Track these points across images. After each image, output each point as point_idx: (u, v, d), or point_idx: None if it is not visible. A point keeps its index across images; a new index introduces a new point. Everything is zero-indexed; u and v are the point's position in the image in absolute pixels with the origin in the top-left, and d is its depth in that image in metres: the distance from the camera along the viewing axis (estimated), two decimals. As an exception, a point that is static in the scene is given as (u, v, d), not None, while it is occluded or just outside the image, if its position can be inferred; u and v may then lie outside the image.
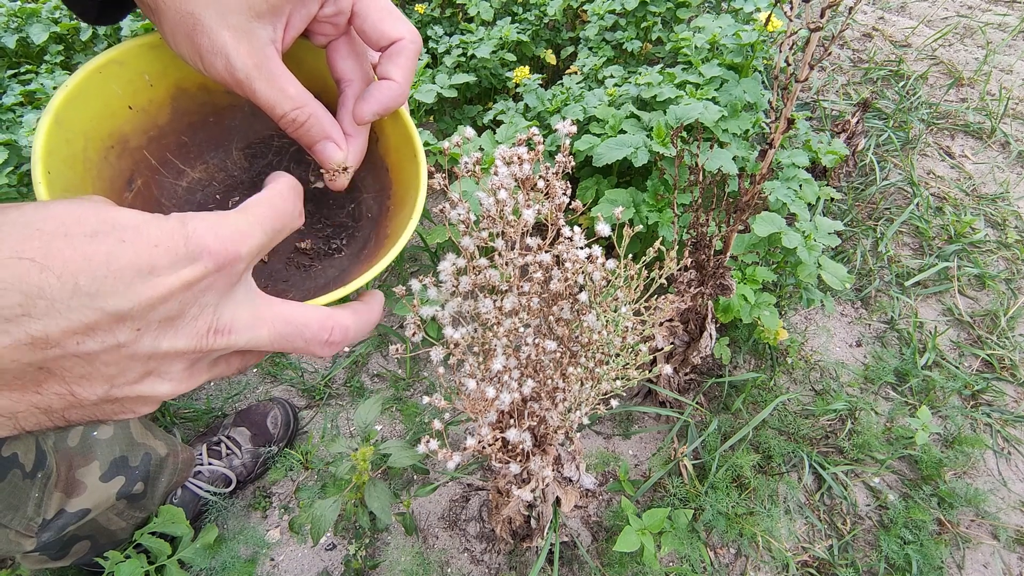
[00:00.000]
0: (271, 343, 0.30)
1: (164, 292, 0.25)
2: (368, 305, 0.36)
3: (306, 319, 0.31)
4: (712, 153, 1.25)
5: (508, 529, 1.03)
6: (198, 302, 0.27)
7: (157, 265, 0.25)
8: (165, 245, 0.25)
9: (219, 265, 0.26)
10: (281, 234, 0.31)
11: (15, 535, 0.80)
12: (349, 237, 0.45)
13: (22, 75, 1.62)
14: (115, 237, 0.24)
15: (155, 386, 0.27)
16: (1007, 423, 1.39)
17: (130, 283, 0.24)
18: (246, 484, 1.22)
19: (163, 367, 0.27)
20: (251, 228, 0.29)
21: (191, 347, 0.27)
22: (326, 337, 0.32)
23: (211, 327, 0.27)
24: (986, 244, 1.79)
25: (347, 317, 0.33)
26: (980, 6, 2.85)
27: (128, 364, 0.26)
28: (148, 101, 0.40)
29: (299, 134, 0.37)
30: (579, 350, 0.71)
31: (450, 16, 2.05)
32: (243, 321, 0.29)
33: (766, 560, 1.15)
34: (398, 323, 1.52)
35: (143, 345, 0.25)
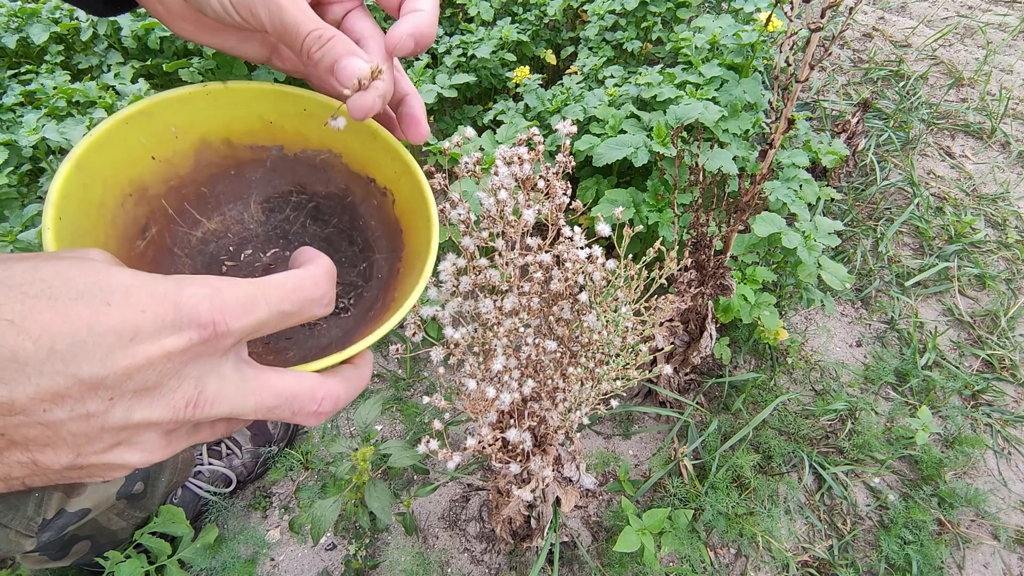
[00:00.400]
0: (256, 413, 0.29)
1: (142, 361, 0.23)
2: (358, 370, 0.34)
3: (295, 391, 0.30)
4: (712, 153, 1.25)
5: (508, 529, 1.03)
6: (179, 373, 0.25)
7: (141, 331, 0.23)
8: (153, 311, 0.24)
9: (205, 338, 0.25)
10: (294, 317, 0.29)
11: (15, 535, 0.80)
12: (358, 297, 0.45)
13: (22, 75, 1.62)
14: (101, 300, 0.23)
15: (124, 456, 0.26)
16: (1007, 423, 1.39)
17: (109, 349, 0.23)
18: (246, 484, 1.22)
19: (135, 437, 0.26)
20: (254, 304, 0.27)
21: (166, 419, 0.26)
22: (315, 408, 0.30)
23: (190, 400, 0.26)
24: (986, 244, 1.79)
25: (337, 385, 0.32)
26: (980, 6, 2.85)
27: (97, 434, 0.24)
28: (172, 152, 0.40)
29: (323, 52, 0.35)
30: (579, 350, 0.71)
31: (450, 16, 2.05)
32: (227, 393, 0.27)
33: (766, 560, 1.15)
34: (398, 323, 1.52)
35: (114, 416, 0.24)
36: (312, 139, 0.45)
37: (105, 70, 1.74)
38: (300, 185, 0.46)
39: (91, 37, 1.80)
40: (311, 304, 0.30)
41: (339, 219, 0.47)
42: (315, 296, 0.30)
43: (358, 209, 0.46)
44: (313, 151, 0.45)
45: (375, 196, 0.46)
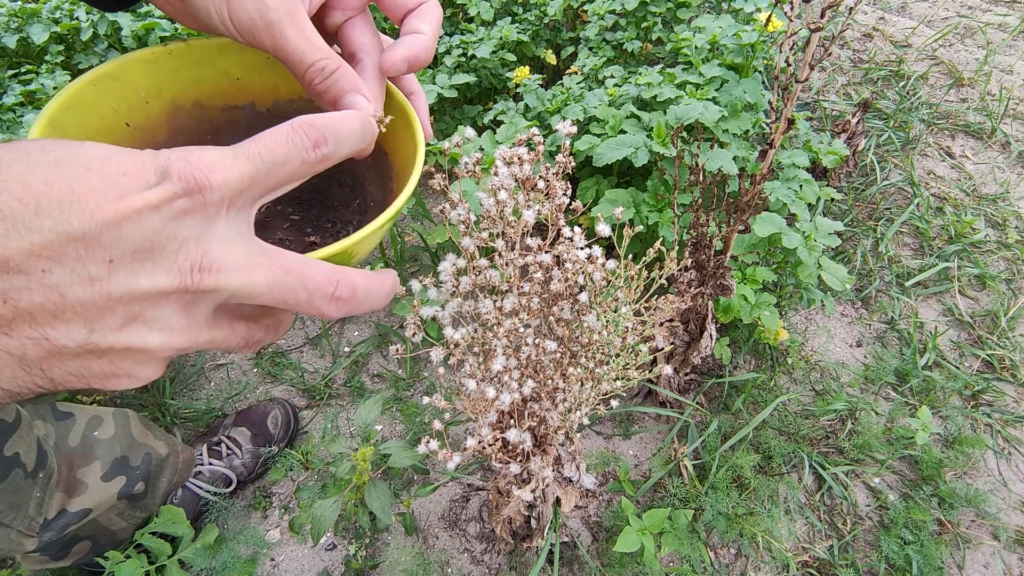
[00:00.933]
0: (269, 290, 0.27)
1: (129, 212, 0.22)
2: (380, 276, 0.32)
3: (309, 269, 0.28)
4: (712, 153, 1.25)
5: (508, 529, 1.03)
6: (175, 233, 0.24)
7: (124, 191, 0.23)
8: (134, 173, 0.23)
9: (186, 189, 0.24)
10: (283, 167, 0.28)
11: (17, 535, 0.80)
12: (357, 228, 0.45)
13: (22, 75, 1.62)
14: (80, 164, 0.23)
15: (143, 335, 0.24)
16: (1007, 423, 1.39)
17: (95, 207, 0.22)
18: (246, 484, 1.22)
19: (149, 311, 0.24)
20: (233, 158, 0.26)
21: (174, 285, 0.24)
22: (332, 290, 0.28)
23: (195, 263, 0.24)
24: (986, 244, 1.79)
25: (356, 275, 0.30)
26: (980, 6, 2.85)
27: (106, 303, 0.23)
28: (145, 118, 0.40)
29: (326, 85, 0.35)
30: (579, 350, 0.71)
31: (450, 16, 2.05)
32: (234, 261, 0.26)
33: (766, 560, 1.15)
34: (398, 323, 1.52)
35: (119, 280, 0.23)
36: (282, 89, 0.44)
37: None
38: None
39: (91, 37, 1.80)
40: (298, 149, 0.28)
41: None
42: (295, 140, 0.28)
43: None
44: (284, 102, 0.45)
45: None
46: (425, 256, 1.66)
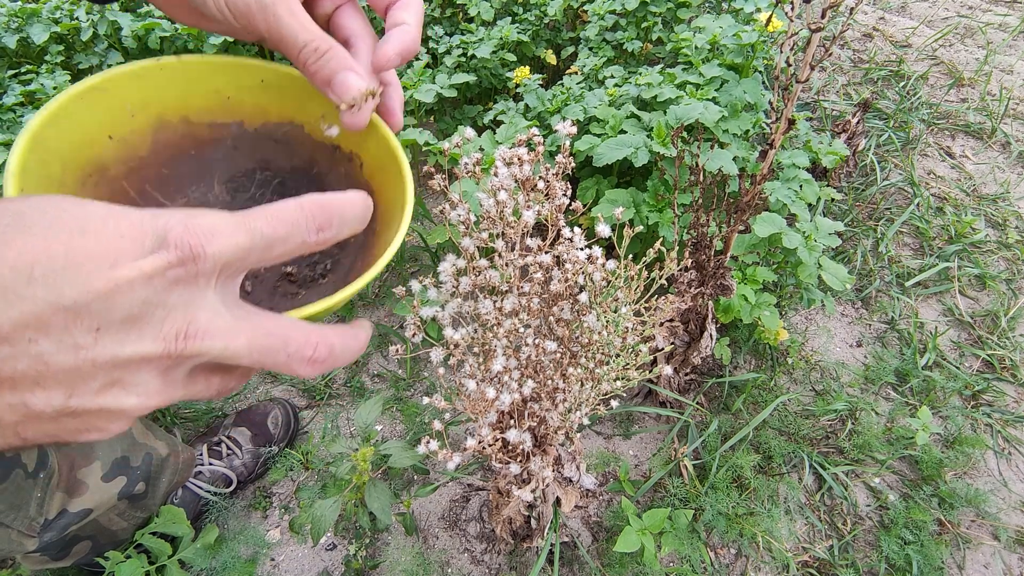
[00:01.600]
0: (250, 354, 0.27)
1: (123, 283, 0.22)
2: (355, 330, 0.33)
3: (289, 332, 0.28)
4: (712, 153, 1.25)
5: (508, 529, 1.03)
6: (164, 302, 0.24)
7: (120, 257, 0.23)
8: (131, 236, 0.23)
9: (182, 258, 0.24)
10: (282, 244, 0.28)
11: (17, 535, 0.80)
12: (335, 263, 0.44)
13: (22, 75, 1.62)
14: (76, 228, 0.22)
15: (120, 398, 0.25)
16: (1008, 423, 1.39)
17: (88, 275, 0.22)
18: (246, 484, 1.22)
19: (129, 376, 0.25)
20: (233, 228, 0.26)
21: (159, 352, 0.24)
22: (310, 354, 0.29)
23: (180, 330, 0.25)
24: (987, 244, 1.79)
25: (333, 335, 0.30)
26: (980, 6, 2.85)
27: (89, 370, 0.23)
28: (129, 131, 0.39)
29: (319, 65, 0.36)
30: (579, 351, 0.71)
31: (450, 16, 2.05)
32: (218, 328, 0.26)
33: (766, 560, 1.15)
34: (398, 323, 1.52)
35: (104, 348, 0.23)
36: (272, 112, 0.44)
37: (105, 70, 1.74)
38: (264, 161, 0.45)
39: (91, 37, 1.80)
40: (298, 229, 0.28)
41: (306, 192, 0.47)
42: (300, 221, 0.28)
43: (325, 179, 0.46)
44: (274, 124, 0.44)
45: (342, 163, 0.45)
46: (425, 256, 1.66)
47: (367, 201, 0.31)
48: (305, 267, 0.44)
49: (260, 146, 0.45)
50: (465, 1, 1.87)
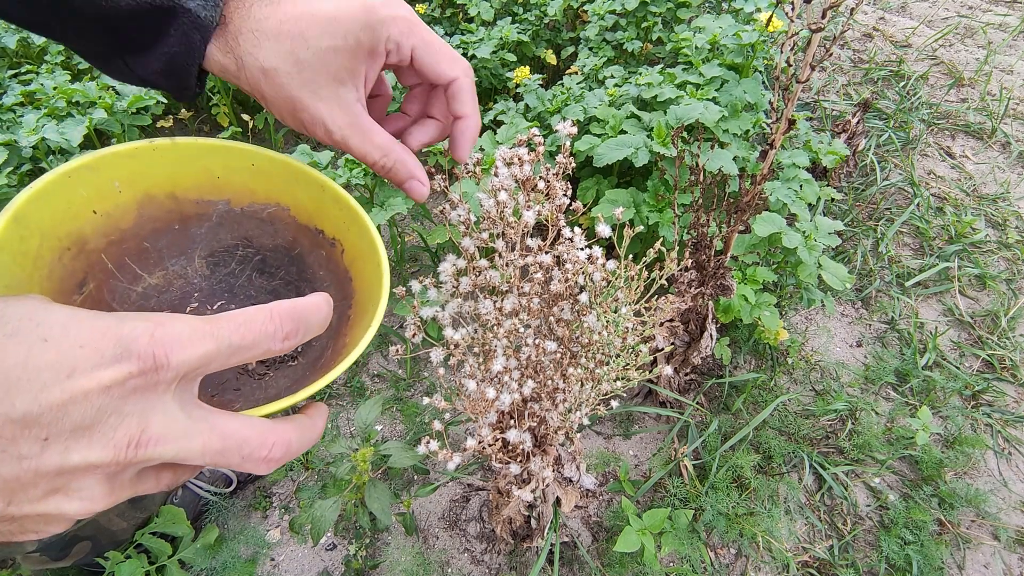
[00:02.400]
0: (203, 456, 0.27)
1: (78, 395, 0.22)
2: (312, 419, 0.33)
3: (245, 435, 0.28)
4: (713, 153, 1.25)
5: (508, 529, 1.03)
6: (119, 410, 0.24)
7: (78, 367, 0.22)
8: (92, 346, 0.23)
9: (144, 369, 0.24)
10: (246, 352, 0.28)
11: (16, 535, 0.80)
12: (306, 346, 0.44)
13: (22, 75, 1.62)
14: (38, 336, 0.22)
15: (61, 505, 0.24)
16: (1008, 423, 1.39)
17: (43, 385, 0.22)
18: (246, 484, 1.22)
19: (73, 483, 0.24)
20: (199, 337, 0.26)
21: (106, 460, 0.24)
22: (265, 454, 0.29)
23: (132, 439, 0.24)
24: (987, 244, 1.79)
25: (289, 431, 0.30)
26: (980, 6, 2.85)
27: (31, 480, 0.23)
28: (114, 206, 0.39)
29: (389, 176, 0.43)
30: (579, 351, 0.71)
31: (450, 16, 2.05)
32: (172, 432, 0.25)
33: (766, 560, 1.15)
34: (398, 323, 1.52)
35: (49, 459, 0.22)
36: (259, 193, 0.45)
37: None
38: (246, 239, 0.46)
39: (91, 37, 1.79)
40: (265, 338, 0.28)
41: (286, 271, 0.46)
42: (268, 330, 0.28)
43: (306, 260, 0.46)
44: (260, 205, 0.45)
45: (323, 247, 0.45)
46: (425, 256, 1.66)
47: (330, 304, 0.32)
48: None
49: (244, 224, 0.45)
50: (465, 1, 1.87)
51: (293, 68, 0.37)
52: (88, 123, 1.37)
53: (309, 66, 0.37)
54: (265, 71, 0.37)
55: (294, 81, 0.37)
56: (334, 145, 0.40)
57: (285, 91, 0.38)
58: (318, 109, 0.38)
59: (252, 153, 0.43)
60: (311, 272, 0.46)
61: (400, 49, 0.41)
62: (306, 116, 0.39)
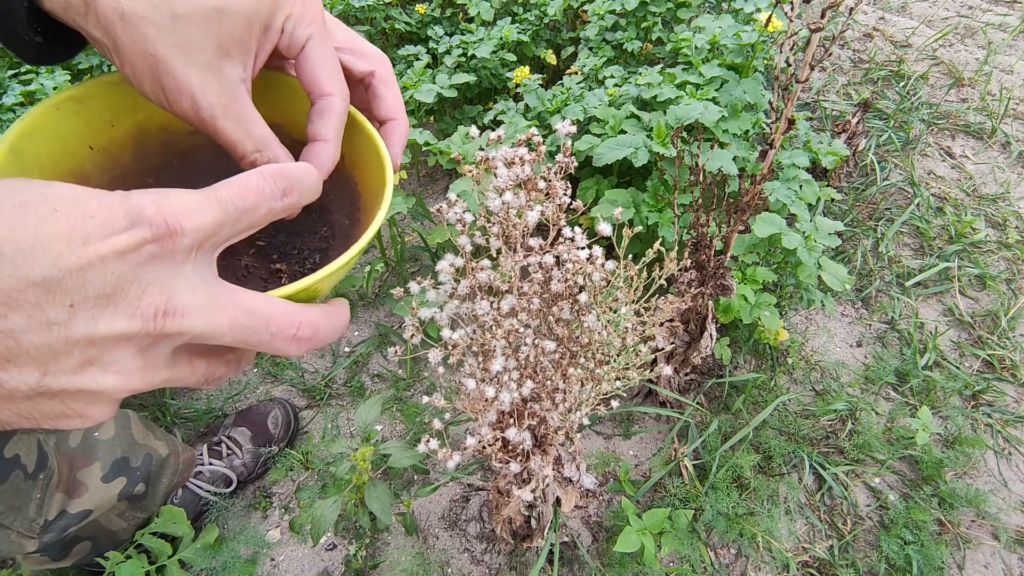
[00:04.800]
0: (231, 332, 0.27)
1: (94, 259, 0.22)
2: (337, 308, 0.33)
3: (272, 311, 0.28)
4: (712, 154, 1.25)
5: (508, 529, 1.03)
6: (139, 278, 0.24)
7: (91, 235, 0.22)
8: (102, 216, 0.23)
9: (157, 235, 0.24)
10: (251, 214, 0.28)
11: (17, 536, 0.80)
12: (324, 258, 0.44)
13: (22, 75, 1.62)
14: (47, 207, 0.22)
15: (98, 378, 0.24)
16: (1008, 423, 1.39)
17: (59, 253, 0.22)
18: (247, 484, 1.22)
19: (106, 354, 0.24)
20: (205, 203, 0.26)
21: (135, 329, 0.24)
22: (294, 332, 0.29)
23: (159, 308, 0.24)
24: (987, 244, 1.79)
25: (317, 314, 0.30)
26: (980, 6, 2.85)
27: (62, 347, 0.23)
28: (109, 141, 0.39)
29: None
30: (579, 351, 0.71)
31: (450, 16, 2.05)
32: (197, 304, 0.25)
33: (766, 560, 1.15)
34: (398, 323, 1.52)
35: (78, 325, 0.23)
36: None
37: (105, 70, 1.74)
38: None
39: (91, 37, 1.80)
40: (265, 197, 0.28)
41: None
42: (266, 189, 0.28)
43: None
44: None
45: None
46: (425, 256, 1.66)
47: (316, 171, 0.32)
48: (295, 263, 0.44)
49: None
50: (465, 1, 1.87)
51: (166, 20, 0.30)
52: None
53: (188, 22, 0.31)
54: (124, 16, 0.30)
55: (163, 37, 0.31)
56: (198, 125, 0.33)
57: (148, 45, 0.31)
58: (188, 77, 0.31)
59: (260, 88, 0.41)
60: None
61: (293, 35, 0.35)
62: (170, 83, 0.31)
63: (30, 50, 0.33)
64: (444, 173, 1.93)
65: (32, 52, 0.33)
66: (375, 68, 0.40)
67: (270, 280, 0.43)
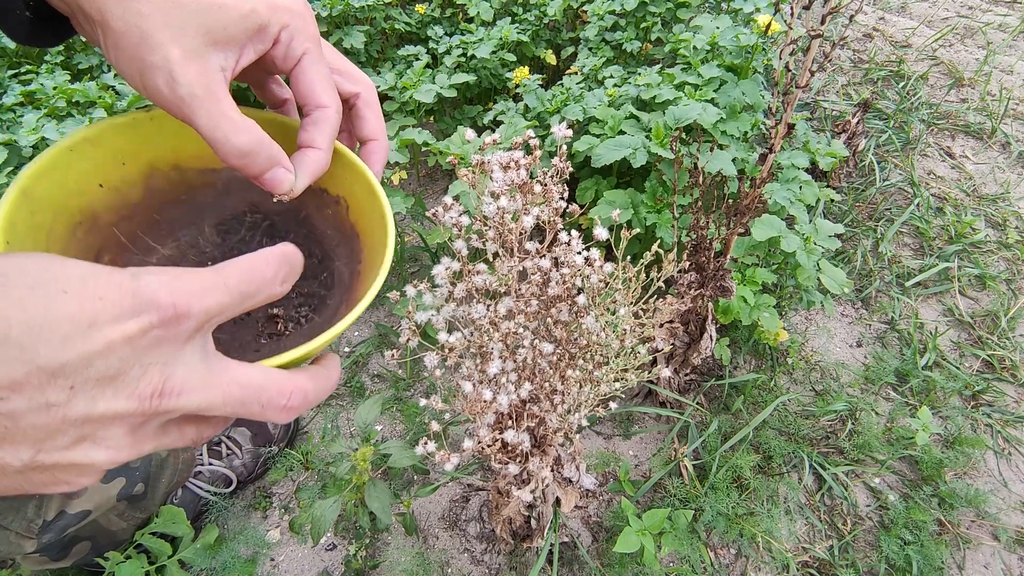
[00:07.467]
0: (224, 407, 0.28)
1: (102, 346, 0.23)
2: (327, 369, 0.34)
3: (263, 383, 0.29)
4: (712, 155, 1.25)
5: (508, 529, 1.03)
6: (141, 360, 0.24)
7: (99, 318, 0.23)
8: (111, 298, 0.23)
9: (165, 320, 0.24)
10: (253, 298, 0.29)
11: (16, 536, 0.80)
12: (321, 305, 0.44)
13: (22, 75, 1.62)
14: (57, 288, 0.22)
15: (90, 453, 0.25)
16: (1008, 424, 1.39)
17: (66, 336, 0.22)
18: (246, 484, 1.22)
19: (100, 432, 0.25)
20: (212, 286, 0.27)
21: (132, 410, 0.25)
22: (284, 402, 0.30)
23: (156, 389, 0.25)
24: (987, 244, 1.79)
25: (305, 381, 0.31)
26: (980, 6, 2.84)
27: (59, 427, 0.23)
28: (120, 180, 0.40)
29: (244, 163, 0.35)
30: (577, 353, 0.71)
31: (450, 16, 2.05)
32: (193, 383, 0.26)
33: (766, 560, 1.15)
34: (399, 323, 1.52)
35: (76, 406, 0.23)
36: None
37: (105, 70, 1.75)
38: (253, 205, 0.46)
39: (91, 38, 1.80)
40: (266, 283, 0.29)
41: (295, 234, 0.47)
42: (267, 275, 0.29)
43: (313, 221, 0.46)
44: None
45: (329, 206, 0.46)
46: (425, 256, 1.66)
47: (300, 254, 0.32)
48: (292, 308, 0.45)
49: (250, 190, 0.45)
50: (465, 1, 1.87)
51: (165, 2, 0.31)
52: (89, 123, 1.38)
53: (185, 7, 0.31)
54: None
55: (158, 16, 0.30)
56: (173, 104, 0.32)
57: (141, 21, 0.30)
58: (169, 53, 0.31)
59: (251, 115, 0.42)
60: (319, 232, 0.47)
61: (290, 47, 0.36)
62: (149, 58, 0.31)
63: (21, 29, 0.33)
64: (444, 173, 1.93)
65: (23, 32, 0.34)
66: (361, 91, 0.42)
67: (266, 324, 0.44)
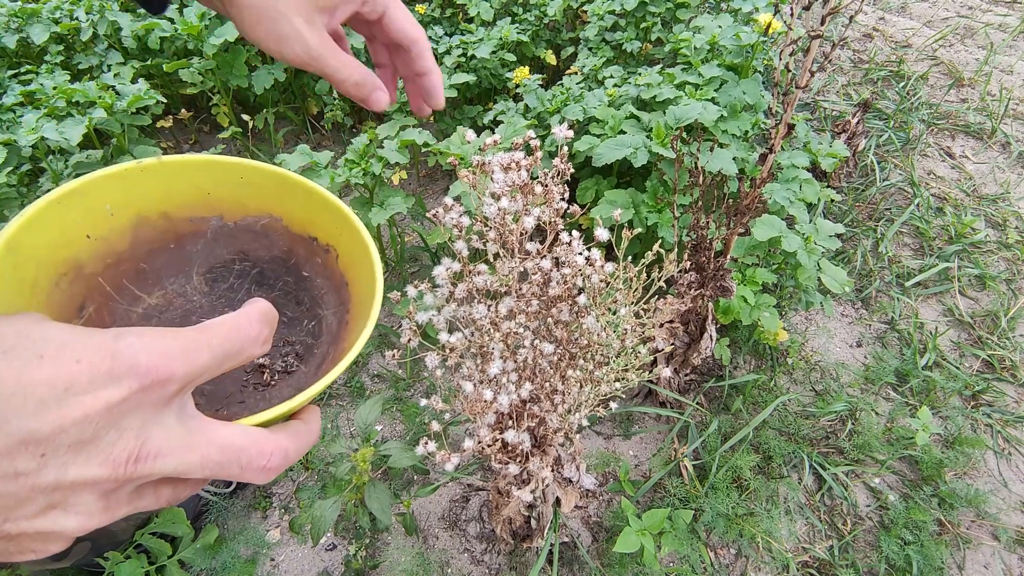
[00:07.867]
0: (203, 470, 0.27)
1: (79, 413, 0.22)
2: (308, 425, 0.33)
3: (243, 445, 0.28)
4: (712, 155, 1.25)
5: (508, 529, 1.03)
6: (117, 425, 0.23)
7: (75, 383, 0.22)
8: (88, 361, 0.22)
9: (145, 385, 0.24)
10: (235, 359, 0.29)
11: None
12: (308, 354, 0.44)
13: (22, 75, 1.62)
14: (33, 352, 0.22)
15: (59, 520, 0.24)
16: (1007, 424, 1.39)
17: (41, 402, 0.21)
18: (246, 484, 1.22)
19: (71, 499, 0.24)
20: (195, 347, 0.26)
21: (105, 476, 0.23)
22: (263, 463, 0.29)
23: (131, 454, 0.24)
24: (986, 244, 1.79)
25: (286, 440, 0.31)
26: (980, 7, 2.84)
27: (28, 495, 0.22)
28: (108, 230, 0.39)
29: (359, 91, 0.45)
30: (578, 353, 0.71)
31: (450, 16, 2.05)
32: (170, 446, 0.25)
33: (766, 560, 1.15)
34: (399, 323, 1.52)
35: (46, 474, 0.22)
36: (251, 206, 0.45)
37: (105, 70, 1.75)
38: (242, 252, 0.46)
39: (91, 37, 1.80)
40: (249, 343, 0.29)
41: (284, 281, 0.47)
42: (251, 335, 0.29)
43: (302, 269, 0.46)
44: (253, 218, 0.45)
45: (318, 254, 0.46)
46: (425, 256, 1.66)
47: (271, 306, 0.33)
48: (278, 358, 0.44)
49: (239, 237, 0.46)
50: (465, 1, 1.87)
51: None
52: (88, 123, 1.38)
53: None
54: None
55: None
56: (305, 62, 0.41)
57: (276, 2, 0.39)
58: (297, 24, 0.40)
59: (240, 167, 0.43)
60: (308, 280, 0.47)
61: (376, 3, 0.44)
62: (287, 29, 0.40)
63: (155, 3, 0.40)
64: (444, 173, 1.93)
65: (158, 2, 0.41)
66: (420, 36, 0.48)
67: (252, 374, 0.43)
